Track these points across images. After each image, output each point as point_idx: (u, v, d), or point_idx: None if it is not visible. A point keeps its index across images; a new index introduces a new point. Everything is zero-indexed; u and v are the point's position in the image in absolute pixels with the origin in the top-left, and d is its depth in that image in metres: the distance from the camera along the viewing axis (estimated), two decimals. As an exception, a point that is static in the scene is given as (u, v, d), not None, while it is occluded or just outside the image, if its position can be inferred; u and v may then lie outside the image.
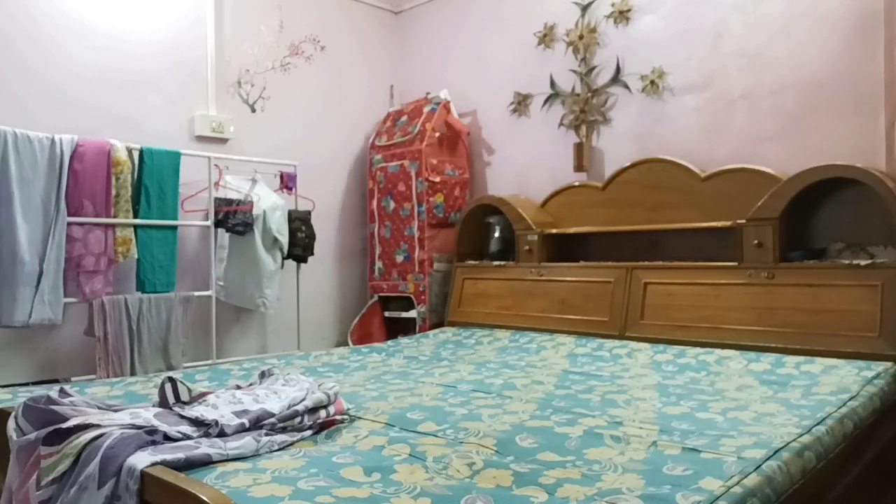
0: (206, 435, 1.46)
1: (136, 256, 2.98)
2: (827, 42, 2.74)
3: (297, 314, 3.73)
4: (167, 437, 1.40)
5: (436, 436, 1.61)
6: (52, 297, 2.73)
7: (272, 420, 1.56)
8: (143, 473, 1.22)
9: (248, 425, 1.52)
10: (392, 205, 3.93)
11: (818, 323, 2.47)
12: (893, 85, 2.54)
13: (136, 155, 3.01)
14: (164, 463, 1.26)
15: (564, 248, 3.46)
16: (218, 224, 3.33)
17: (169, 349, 3.05)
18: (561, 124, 3.63)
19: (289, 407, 1.61)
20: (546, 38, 3.68)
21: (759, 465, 1.36)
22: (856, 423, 1.80)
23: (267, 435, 1.51)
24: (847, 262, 2.48)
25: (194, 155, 3.28)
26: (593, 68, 3.50)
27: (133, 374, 2.86)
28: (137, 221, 2.98)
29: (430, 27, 4.34)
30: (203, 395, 1.66)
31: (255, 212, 3.38)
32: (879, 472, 2.05)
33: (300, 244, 3.59)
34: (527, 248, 3.43)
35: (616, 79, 3.41)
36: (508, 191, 3.80)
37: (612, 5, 3.40)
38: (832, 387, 2.06)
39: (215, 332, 3.30)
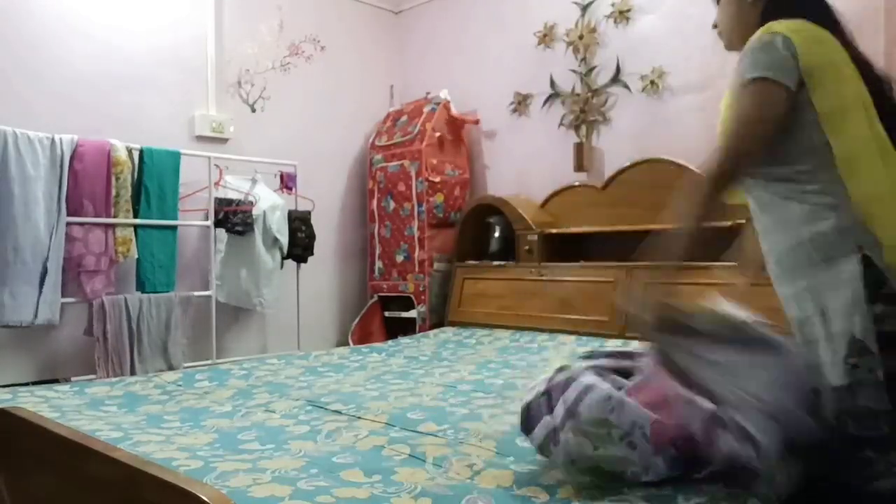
0: None
1: (136, 256, 2.98)
2: (827, 42, 2.73)
3: (297, 314, 3.72)
4: None
5: (436, 436, 1.61)
6: (51, 297, 2.73)
7: None
8: None
9: None
10: (392, 205, 3.92)
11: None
12: (893, 85, 2.53)
13: (136, 155, 3.01)
14: None
15: (564, 248, 3.46)
16: (218, 224, 3.33)
17: (169, 349, 3.05)
18: (561, 124, 3.63)
19: None
20: (546, 38, 3.68)
21: (760, 465, 1.36)
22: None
23: None
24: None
25: (194, 155, 3.28)
26: (593, 68, 3.50)
27: (133, 373, 2.85)
28: (137, 221, 2.98)
29: (430, 27, 4.34)
30: None
31: (255, 212, 3.38)
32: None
33: (300, 244, 3.58)
34: (527, 248, 3.43)
35: (616, 79, 3.40)
36: (508, 191, 3.79)
37: (612, 5, 3.40)
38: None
39: (215, 332, 3.29)
